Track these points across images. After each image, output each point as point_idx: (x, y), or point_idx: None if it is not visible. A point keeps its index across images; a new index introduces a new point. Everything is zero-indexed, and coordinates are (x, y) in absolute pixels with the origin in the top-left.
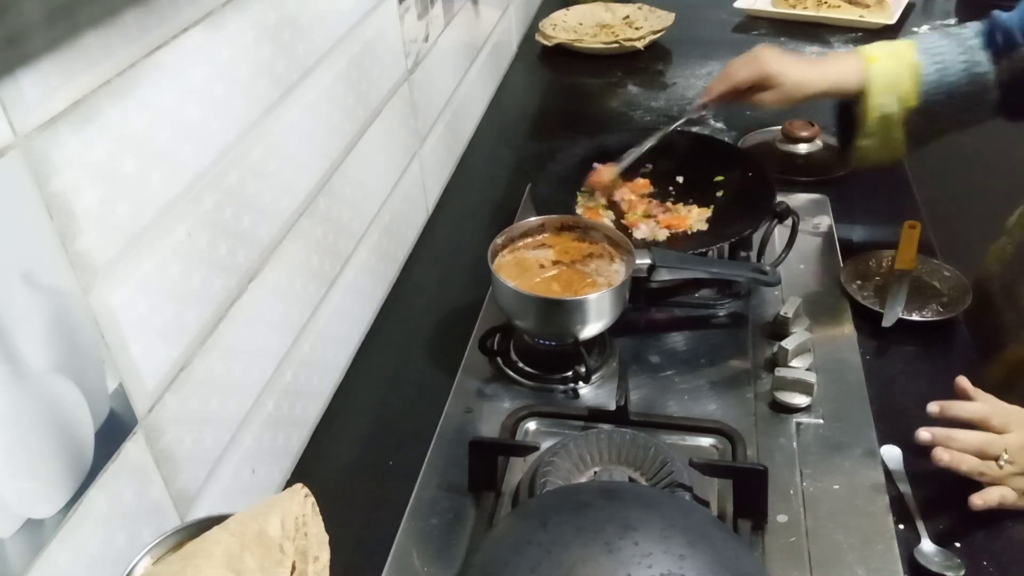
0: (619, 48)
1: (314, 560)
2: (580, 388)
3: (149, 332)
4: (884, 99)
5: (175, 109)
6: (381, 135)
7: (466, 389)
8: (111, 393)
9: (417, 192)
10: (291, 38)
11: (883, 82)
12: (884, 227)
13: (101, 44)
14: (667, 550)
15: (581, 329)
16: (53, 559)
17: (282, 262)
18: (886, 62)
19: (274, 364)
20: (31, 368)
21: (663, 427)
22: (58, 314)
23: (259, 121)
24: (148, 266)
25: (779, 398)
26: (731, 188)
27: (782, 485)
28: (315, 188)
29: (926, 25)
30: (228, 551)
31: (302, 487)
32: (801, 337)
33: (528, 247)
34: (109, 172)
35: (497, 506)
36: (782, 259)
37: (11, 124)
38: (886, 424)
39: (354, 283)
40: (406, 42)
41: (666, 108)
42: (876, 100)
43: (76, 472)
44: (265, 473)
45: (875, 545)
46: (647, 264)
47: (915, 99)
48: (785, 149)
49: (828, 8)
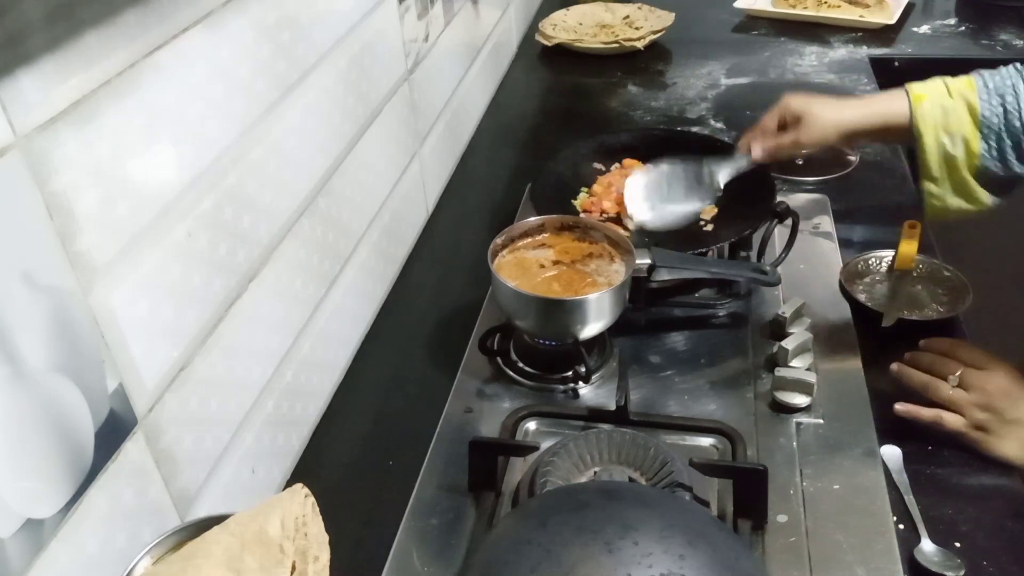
0: (619, 48)
1: (314, 560)
2: (580, 388)
3: (149, 332)
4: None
5: (175, 109)
6: (381, 135)
7: (466, 389)
8: (111, 393)
9: (417, 192)
10: (291, 38)
11: (935, 121)
12: (884, 227)
13: (101, 44)
14: (667, 550)
15: (581, 329)
16: (53, 559)
17: (282, 262)
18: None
19: (274, 364)
20: (31, 368)
21: (663, 427)
22: (58, 314)
23: (259, 121)
24: (148, 266)
25: (779, 398)
26: (731, 188)
27: (782, 485)
28: (315, 188)
29: (926, 25)
30: (228, 551)
31: (302, 487)
32: (801, 337)
33: (528, 247)
34: (109, 172)
35: (497, 506)
36: (782, 259)
37: (11, 124)
38: (886, 424)
39: (354, 283)
40: (406, 42)
41: (666, 108)
42: (931, 141)
43: (76, 472)
44: (265, 473)
45: (875, 545)
46: (647, 264)
47: (977, 143)
48: None
49: (828, 8)
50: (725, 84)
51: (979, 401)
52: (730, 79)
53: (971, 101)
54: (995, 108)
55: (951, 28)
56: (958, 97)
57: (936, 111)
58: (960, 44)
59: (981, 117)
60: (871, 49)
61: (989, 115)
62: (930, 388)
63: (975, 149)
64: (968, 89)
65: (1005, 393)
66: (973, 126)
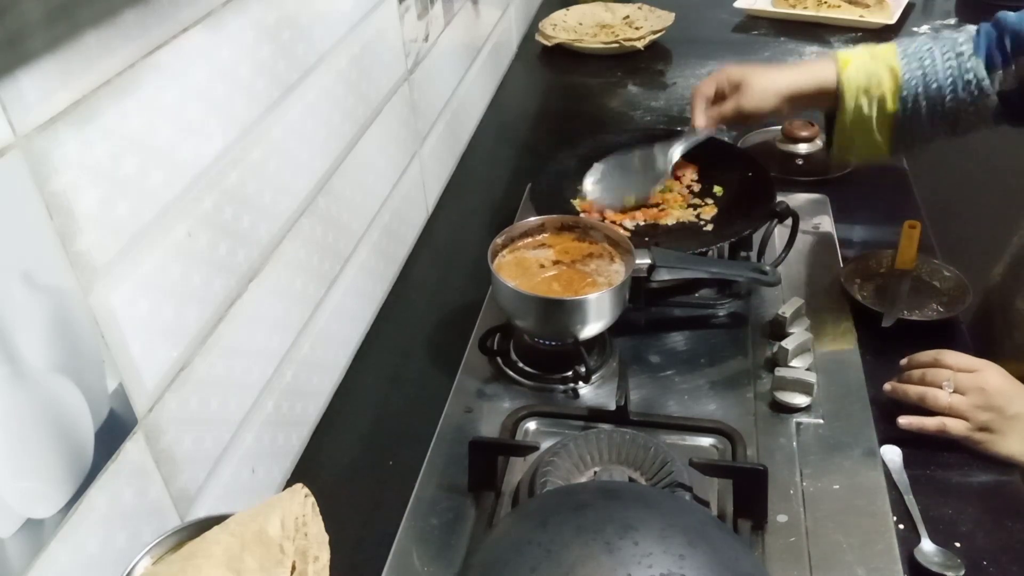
0: (619, 48)
1: (314, 560)
2: (580, 388)
3: (149, 332)
4: (859, 101)
5: (175, 109)
6: (381, 135)
7: (466, 389)
8: (111, 393)
9: (417, 192)
10: (291, 38)
11: (857, 84)
12: (884, 227)
13: (101, 44)
14: (667, 550)
15: (581, 329)
16: (53, 559)
17: (282, 262)
18: (863, 64)
19: (274, 364)
20: (31, 368)
21: (663, 427)
22: (58, 314)
23: (259, 121)
24: (148, 266)
25: (779, 398)
26: (731, 188)
27: (782, 485)
28: (315, 188)
29: (926, 25)
30: (228, 551)
31: (302, 487)
32: (801, 337)
33: (528, 247)
34: (109, 172)
35: (497, 506)
36: (782, 259)
37: (11, 124)
38: (886, 424)
39: (354, 283)
40: (406, 42)
41: (666, 108)
42: (849, 102)
43: (76, 472)
44: (265, 473)
45: (875, 545)
46: (647, 264)
47: (894, 103)
48: (785, 149)
49: (828, 8)
50: None
51: (978, 402)
52: None
53: (892, 65)
54: (914, 72)
55: (951, 28)
56: (881, 61)
57: (860, 74)
58: None
59: (902, 80)
60: None
61: (908, 78)
62: (927, 399)
63: (890, 109)
64: (890, 54)
65: (1001, 390)
66: (893, 89)
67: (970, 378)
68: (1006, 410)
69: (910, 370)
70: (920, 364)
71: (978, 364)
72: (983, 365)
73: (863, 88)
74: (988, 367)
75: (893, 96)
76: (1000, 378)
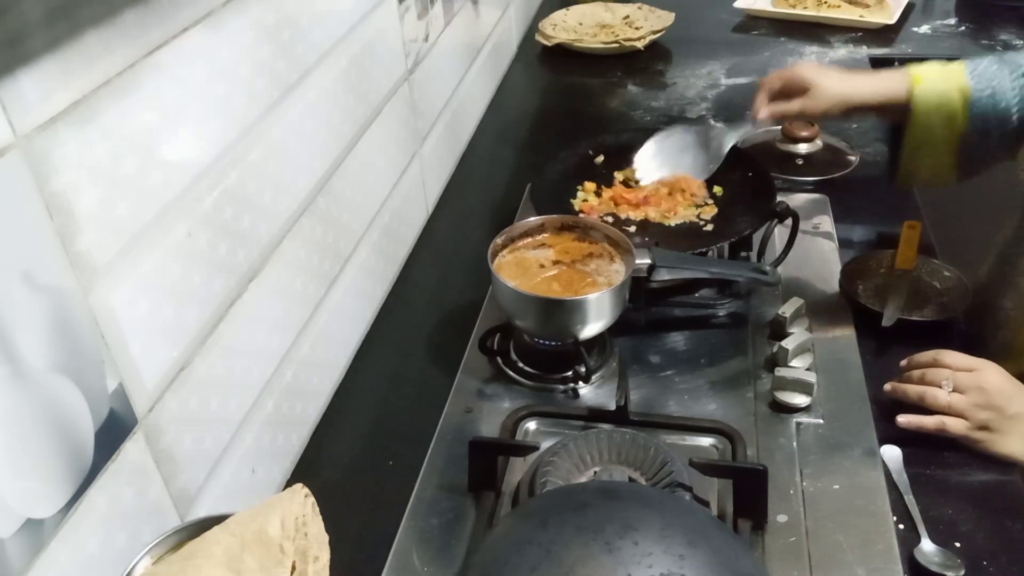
0: (619, 48)
1: (314, 560)
2: (580, 388)
3: (149, 332)
4: (931, 118)
5: (175, 109)
6: (381, 135)
7: (466, 389)
8: (111, 393)
9: (417, 192)
10: (291, 38)
11: (928, 101)
12: (884, 227)
13: (101, 44)
14: (667, 550)
15: (581, 329)
16: (53, 559)
17: (282, 262)
18: (936, 82)
19: (274, 364)
20: (31, 368)
21: (663, 427)
22: (58, 314)
23: (259, 121)
24: (148, 266)
25: (779, 398)
26: (731, 188)
27: (782, 485)
28: (315, 188)
29: (926, 25)
30: (228, 551)
31: (302, 487)
32: (801, 337)
33: (528, 247)
34: (109, 172)
35: (497, 506)
36: (782, 259)
37: (11, 124)
38: (886, 424)
39: (354, 283)
40: (406, 42)
41: (666, 108)
42: (921, 119)
43: (76, 472)
44: (265, 473)
45: (875, 545)
46: (647, 264)
47: (964, 123)
48: (785, 149)
49: (828, 8)
50: (725, 84)
51: (978, 401)
52: (730, 79)
53: (963, 84)
54: (983, 91)
55: (951, 28)
56: (952, 79)
57: (932, 92)
58: (960, 44)
59: (972, 98)
60: (871, 49)
61: (978, 97)
62: (927, 398)
63: (959, 130)
64: (960, 73)
65: (1001, 389)
66: (963, 108)
67: (970, 377)
68: (1006, 409)
69: (910, 371)
70: (920, 364)
71: (978, 363)
72: (983, 364)
73: (935, 106)
74: (988, 366)
75: (963, 114)
76: (1000, 377)
